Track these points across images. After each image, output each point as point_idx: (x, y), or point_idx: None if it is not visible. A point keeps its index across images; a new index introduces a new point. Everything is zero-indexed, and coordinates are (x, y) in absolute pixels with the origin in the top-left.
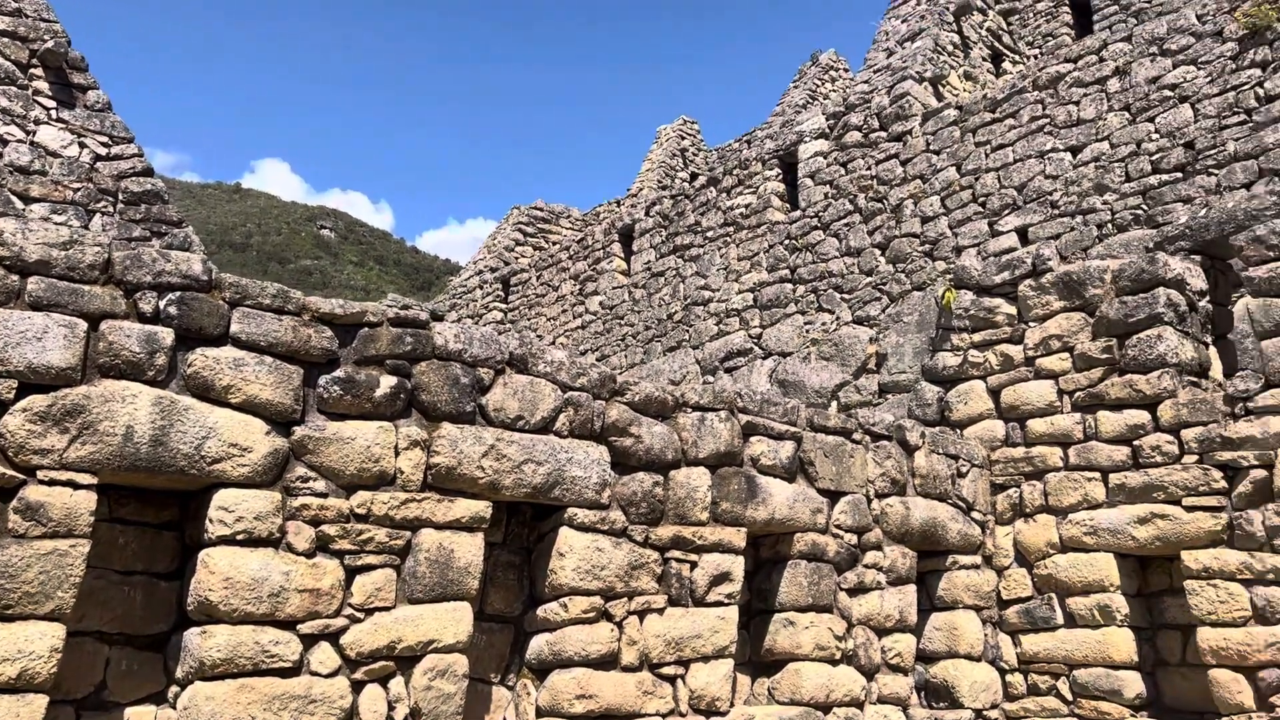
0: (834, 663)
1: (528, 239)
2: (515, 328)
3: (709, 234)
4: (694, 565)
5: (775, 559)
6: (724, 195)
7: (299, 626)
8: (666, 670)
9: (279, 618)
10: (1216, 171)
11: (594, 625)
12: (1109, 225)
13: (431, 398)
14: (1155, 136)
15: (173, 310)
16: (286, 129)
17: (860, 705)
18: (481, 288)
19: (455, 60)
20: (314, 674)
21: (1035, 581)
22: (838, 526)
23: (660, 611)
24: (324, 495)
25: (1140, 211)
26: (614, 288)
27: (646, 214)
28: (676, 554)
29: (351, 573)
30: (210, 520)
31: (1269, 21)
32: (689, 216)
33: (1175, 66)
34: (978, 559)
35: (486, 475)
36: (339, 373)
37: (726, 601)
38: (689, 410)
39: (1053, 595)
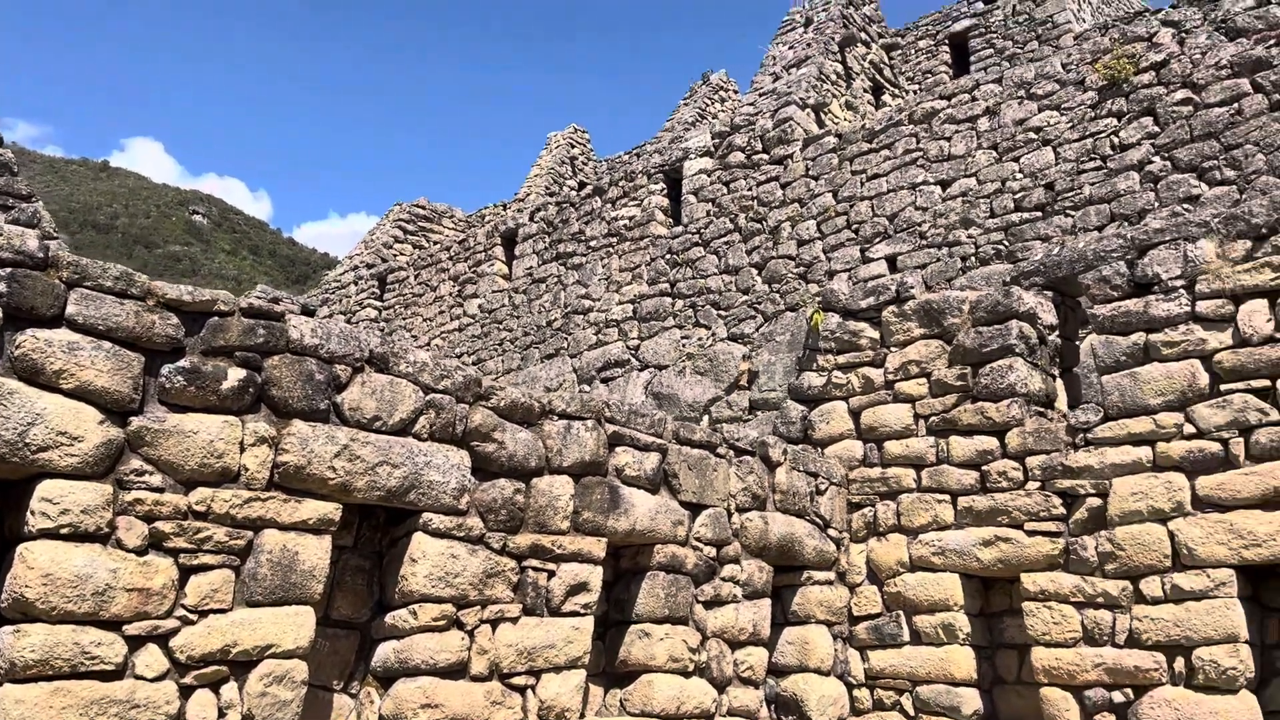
0: (687, 675)
1: (408, 237)
2: (390, 327)
3: (592, 243)
4: (552, 574)
5: (635, 570)
6: (609, 206)
7: (125, 627)
8: (517, 680)
9: (103, 618)
10: (1073, 213)
11: (444, 633)
12: (973, 258)
13: (283, 393)
14: (1019, 176)
15: (1, 288)
16: (162, 107)
17: (710, 717)
18: (356, 284)
19: (348, 51)
20: (139, 678)
21: (885, 599)
22: (698, 539)
23: (514, 620)
24: (160, 490)
25: (1002, 247)
26: (494, 291)
27: (531, 219)
28: (534, 562)
29: (186, 572)
30: (32, 512)
31: (1126, 75)
32: (573, 224)
33: (1041, 110)
34: (832, 575)
35: (338, 476)
36: (184, 362)
37: (583, 612)
38: (555, 418)
39: (901, 613)
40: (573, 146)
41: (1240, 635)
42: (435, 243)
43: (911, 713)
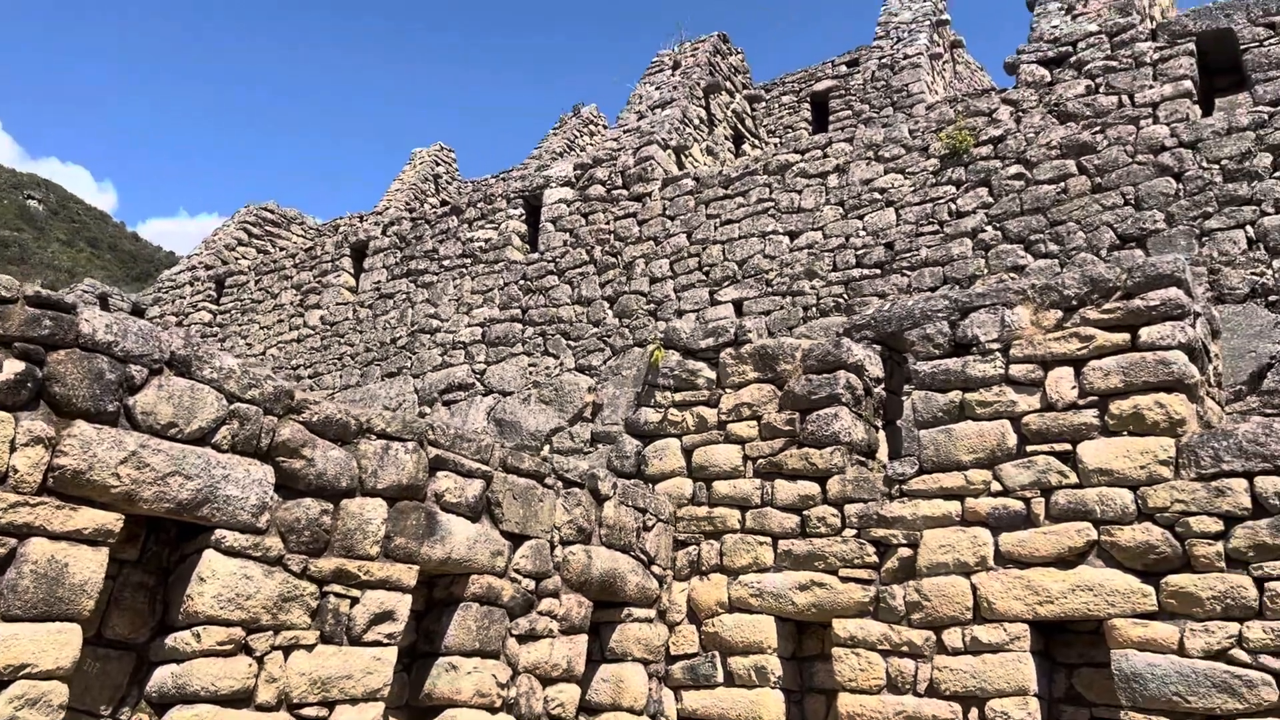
0: (493, 710)
1: (253, 240)
2: (224, 332)
3: (445, 263)
4: (356, 601)
5: (448, 600)
6: (465, 226)
7: None
8: (309, 711)
9: None
10: (910, 273)
11: (230, 659)
12: (814, 309)
13: (67, 391)
14: (862, 233)
15: None
16: (1, 81)
17: None
18: (192, 284)
19: (209, 44)
20: None
21: (703, 639)
22: (517, 571)
23: (310, 648)
24: None
25: (842, 300)
26: (338, 304)
27: (384, 233)
28: (338, 588)
29: None
30: None
31: (966, 146)
32: (427, 242)
33: (886, 173)
34: (652, 613)
35: (122, 484)
36: None
37: (386, 641)
38: (373, 437)
39: (717, 653)
40: (437, 164)
41: (1030, 688)
42: (281, 249)
43: None
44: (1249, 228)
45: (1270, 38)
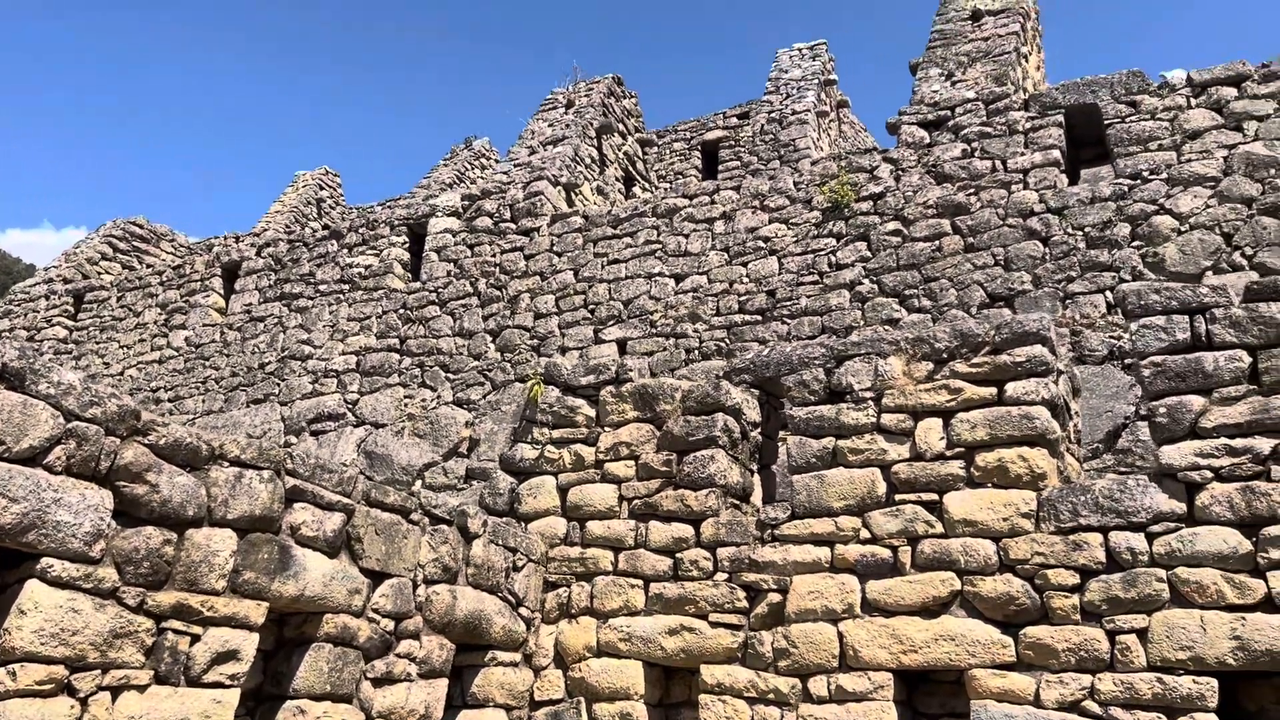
0: None
1: (118, 255)
2: (80, 350)
3: (322, 288)
4: (196, 639)
5: (300, 640)
6: (346, 251)
7: None
8: None
9: None
10: (790, 321)
11: (49, 700)
12: (696, 351)
13: None
14: (746, 280)
15: None
16: None
17: None
18: (48, 299)
19: (89, 51)
20: None
21: (569, 684)
22: (376, 610)
23: (142, 689)
24: None
25: (724, 344)
26: (205, 325)
27: (258, 254)
28: (177, 624)
29: None
30: None
31: (848, 201)
32: (304, 265)
33: (771, 222)
34: (518, 656)
35: None
36: None
37: (228, 683)
38: (226, 464)
39: (583, 699)
40: (321, 188)
41: None
42: (148, 266)
43: None
44: (1109, 293)
45: (1131, 115)
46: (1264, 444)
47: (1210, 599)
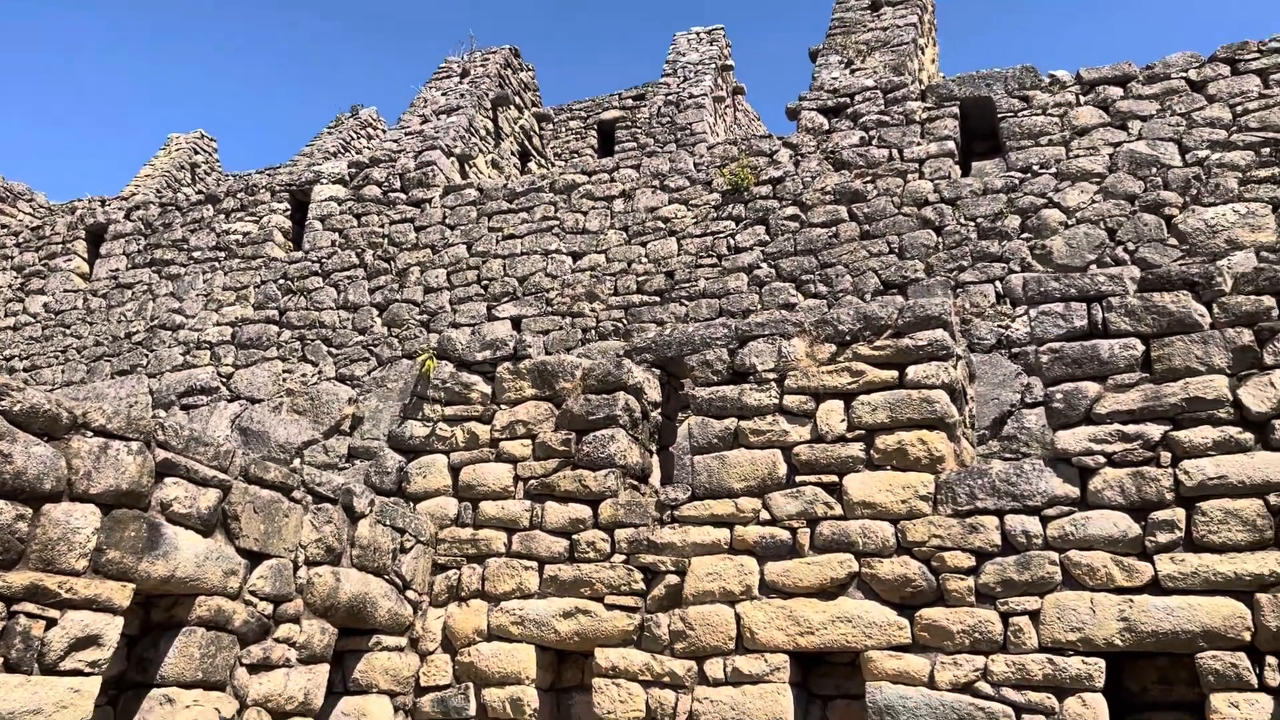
0: None
1: None
2: None
3: (196, 254)
4: (53, 623)
5: (169, 624)
6: (222, 218)
7: None
8: None
9: None
10: (688, 303)
11: None
12: (593, 331)
13: None
14: (644, 260)
15: None
16: None
17: None
18: None
19: None
20: None
21: (457, 669)
22: (253, 593)
23: None
24: None
25: (621, 325)
26: (67, 291)
27: (127, 217)
28: (31, 607)
29: None
30: None
31: (747, 184)
32: (177, 231)
33: (670, 203)
34: (404, 641)
35: None
36: None
37: (88, 671)
38: (89, 434)
39: (471, 684)
40: (196, 152)
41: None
42: (3, 226)
43: None
44: (998, 283)
45: (1024, 109)
46: (1155, 430)
47: (1100, 581)
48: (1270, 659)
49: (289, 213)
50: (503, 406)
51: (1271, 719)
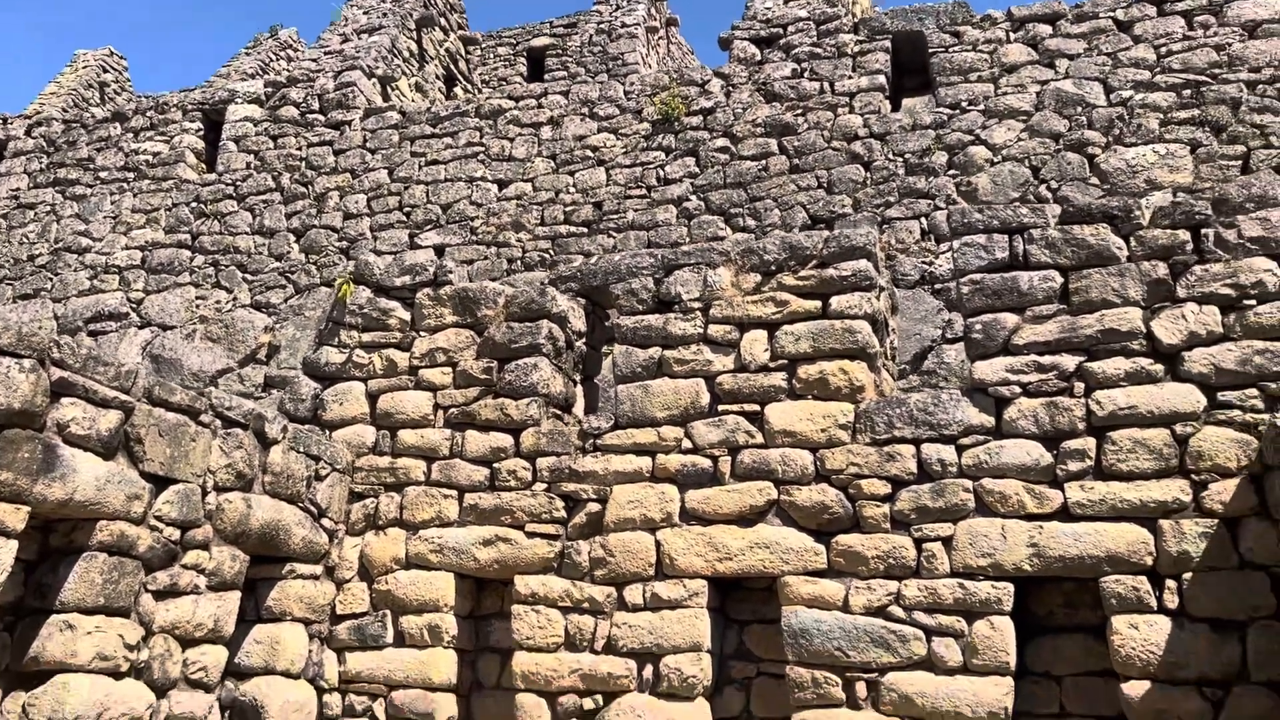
0: (118, 675)
1: None
2: None
3: (103, 175)
4: None
5: (68, 549)
6: (131, 136)
7: None
8: None
9: None
10: (616, 234)
11: None
12: (519, 262)
13: None
14: (572, 190)
15: None
16: None
17: None
18: None
19: None
20: None
21: (374, 597)
22: (159, 518)
23: None
24: None
25: (548, 255)
26: None
27: (28, 134)
28: None
29: None
30: None
31: (678, 114)
32: (83, 149)
33: (600, 131)
34: (319, 569)
35: None
36: None
37: None
38: None
39: (388, 612)
40: (105, 71)
41: (704, 644)
42: None
43: (383, 719)
44: (924, 219)
45: (955, 45)
46: (1070, 361)
47: (1012, 509)
48: (1169, 582)
49: (202, 133)
50: (422, 334)
51: (1168, 639)
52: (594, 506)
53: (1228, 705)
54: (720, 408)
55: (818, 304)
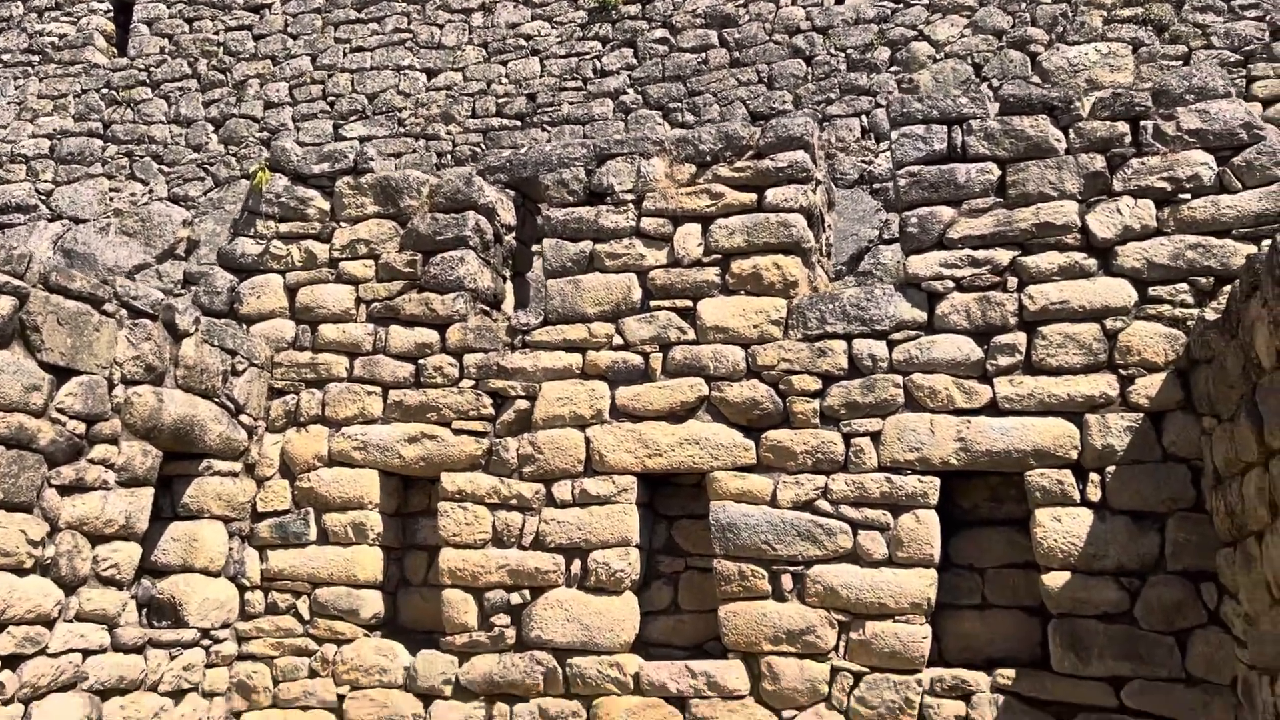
0: (22, 572)
1: None
2: None
3: (5, 58)
4: None
5: None
6: (34, 17)
7: None
8: None
9: None
10: (550, 129)
11: None
12: (449, 155)
13: None
14: (505, 81)
15: None
16: None
17: (50, 623)
18: None
19: None
20: None
21: (296, 495)
22: (62, 410)
23: None
24: None
25: (479, 149)
26: None
27: None
28: None
29: None
30: None
31: (615, 2)
32: None
33: (534, 19)
34: (238, 466)
35: None
36: None
37: None
38: None
39: (311, 510)
40: None
41: (633, 540)
42: None
43: (307, 616)
44: (864, 117)
45: None
46: (1004, 255)
47: (941, 403)
48: (1093, 475)
49: (111, 14)
50: (343, 224)
51: (1089, 531)
52: (523, 404)
53: (1143, 594)
54: (652, 303)
55: (753, 197)
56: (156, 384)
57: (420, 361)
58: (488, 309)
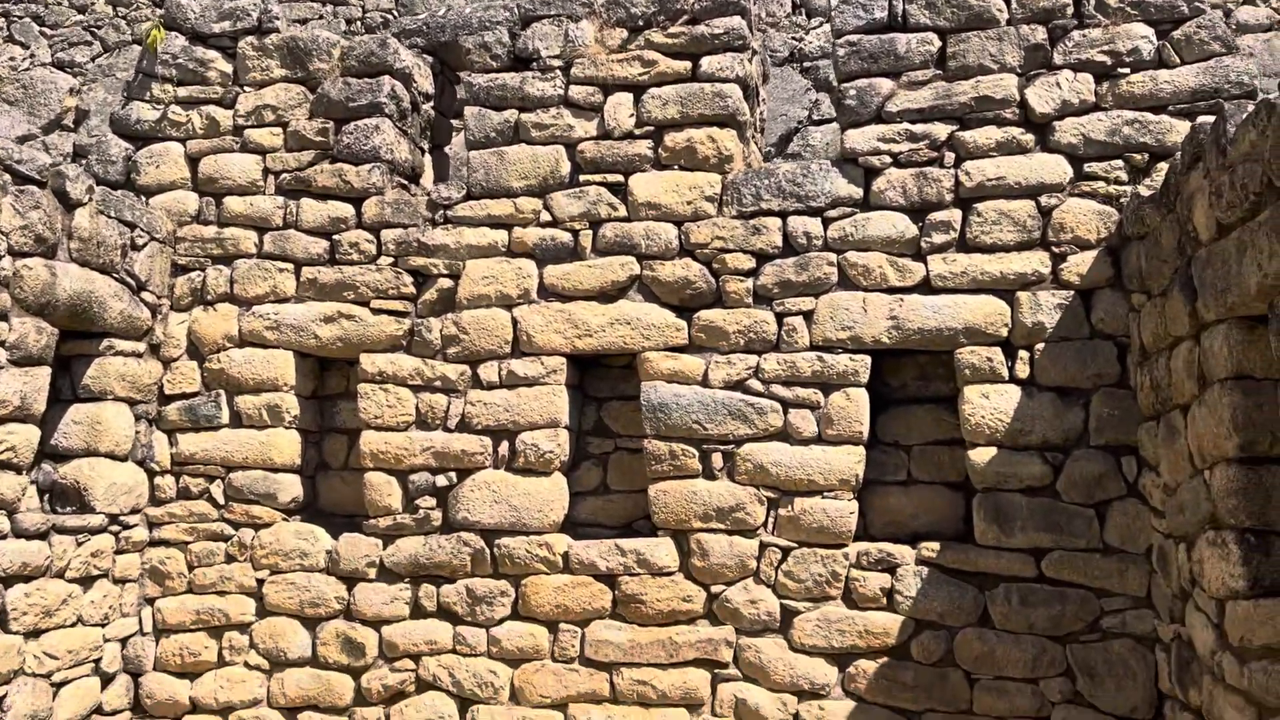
0: None
1: None
2: None
3: None
4: None
5: None
6: None
7: None
8: None
9: None
10: None
11: None
12: (359, 23)
13: None
14: None
15: None
16: None
17: None
18: None
19: None
20: None
21: (206, 377)
22: None
23: None
24: None
25: (392, 17)
26: None
27: None
28: None
29: None
30: None
31: None
32: None
33: None
34: (142, 346)
35: None
36: None
37: None
38: None
39: (222, 392)
40: None
41: (562, 421)
42: None
43: (222, 501)
44: None
45: None
46: (942, 130)
47: (874, 282)
48: (1022, 353)
49: None
50: (247, 89)
51: (1016, 407)
52: (445, 282)
53: (1066, 468)
54: (582, 178)
55: (687, 65)
56: (49, 257)
57: (335, 237)
58: (405, 183)
